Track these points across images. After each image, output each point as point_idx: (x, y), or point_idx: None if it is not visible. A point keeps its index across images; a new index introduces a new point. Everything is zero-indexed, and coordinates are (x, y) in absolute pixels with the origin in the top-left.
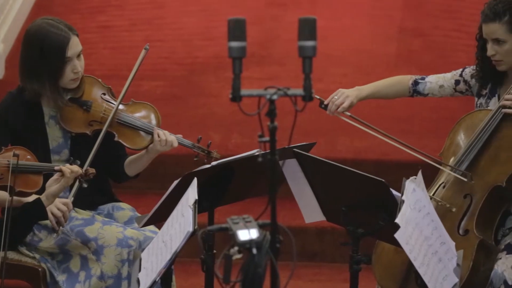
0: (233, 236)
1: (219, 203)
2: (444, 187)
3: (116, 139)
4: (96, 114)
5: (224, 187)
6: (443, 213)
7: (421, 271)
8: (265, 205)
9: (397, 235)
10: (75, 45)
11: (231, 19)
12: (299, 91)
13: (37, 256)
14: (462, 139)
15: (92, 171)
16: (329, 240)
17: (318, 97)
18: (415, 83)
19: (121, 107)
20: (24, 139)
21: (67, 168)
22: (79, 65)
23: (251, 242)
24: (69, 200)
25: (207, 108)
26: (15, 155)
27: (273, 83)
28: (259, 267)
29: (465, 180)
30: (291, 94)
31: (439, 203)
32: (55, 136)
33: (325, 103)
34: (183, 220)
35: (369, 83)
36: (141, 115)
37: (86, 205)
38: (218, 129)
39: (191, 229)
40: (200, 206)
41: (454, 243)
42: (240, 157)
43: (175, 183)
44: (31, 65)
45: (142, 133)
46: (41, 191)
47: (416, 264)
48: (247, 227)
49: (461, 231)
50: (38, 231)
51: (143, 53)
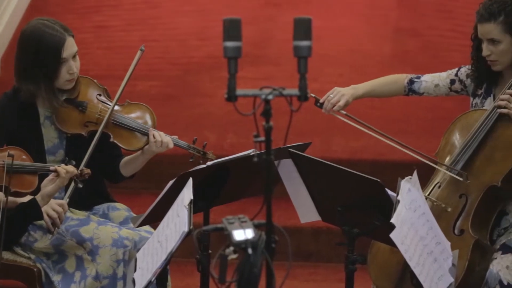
0: (229, 236)
1: (215, 203)
2: (439, 187)
3: (111, 140)
4: (91, 115)
5: (219, 187)
6: (439, 213)
7: (416, 271)
8: (260, 205)
9: (393, 235)
10: (71, 46)
11: (226, 19)
12: (295, 91)
13: (33, 256)
14: (457, 139)
15: (87, 171)
16: (325, 240)
17: (313, 95)
18: (411, 82)
19: (116, 108)
20: (19, 140)
21: (62, 168)
22: (75, 66)
23: (246, 242)
24: (65, 201)
25: (203, 108)
26: (10, 155)
27: (268, 83)
28: (255, 267)
29: (461, 179)
30: (287, 94)
31: (435, 203)
32: (50, 136)
33: (321, 101)
34: (178, 220)
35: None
36: (137, 116)
37: (81, 206)
38: (213, 129)
39: (186, 229)
40: (195, 206)
41: (449, 243)
42: (235, 157)
43: (171, 183)
44: (26, 66)
45: (137, 134)
46: (37, 191)
47: (411, 264)
48: (242, 227)
49: (456, 231)
50: (33, 232)
51: (138, 54)
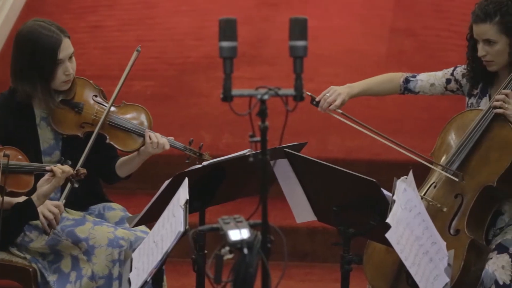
0: (224, 236)
1: (210, 203)
2: (435, 187)
3: (107, 141)
4: (87, 116)
5: (215, 187)
6: (434, 213)
7: (412, 271)
8: (256, 205)
9: (388, 235)
10: (67, 47)
11: (222, 19)
12: (290, 91)
13: (28, 256)
14: (453, 139)
15: (83, 171)
16: (320, 240)
17: (309, 93)
18: (406, 81)
19: (112, 109)
20: (15, 141)
21: (58, 168)
22: (71, 67)
23: (242, 242)
24: (61, 202)
25: (198, 108)
26: (5, 155)
27: (264, 83)
28: (250, 267)
29: (457, 180)
30: (282, 94)
31: (430, 203)
32: (46, 137)
33: (317, 100)
34: (174, 220)
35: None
36: (133, 117)
37: (77, 206)
38: (209, 129)
39: (182, 229)
40: (191, 206)
41: (445, 243)
42: (231, 157)
43: (166, 183)
44: (22, 67)
45: (133, 135)
46: (32, 191)
47: (407, 264)
48: (238, 227)
49: (452, 231)
50: (29, 232)
51: (135, 54)
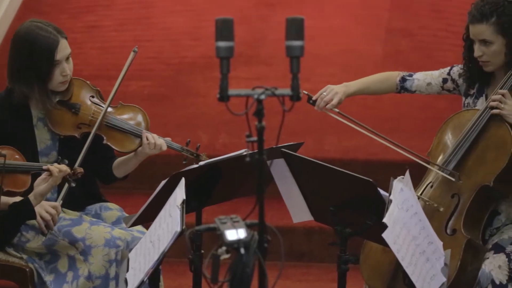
0: (221, 236)
1: (207, 203)
2: (431, 186)
3: (104, 142)
4: (84, 117)
5: (211, 187)
6: (431, 212)
7: (408, 271)
8: (253, 205)
9: (385, 235)
10: (64, 48)
11: (218, 19)
12: (287, 91)
13: (25, 256)
14: (449, 139)
15: (80, 170)
16: (317, 240)
17: (306, 92)
18: (403, 80)
19: (109, 109)
20: (12, 141)
21: (55, 167)
22: (68, 68)
23: (239, 242)
24: (58, 203)
25: (195, 108)
26: (2, 155)
27: (260, 83)
28: (247, 267)
29: (453, 180)
30: (279, 94)
31: (427, 203)
32: (43, 138)
33: (313, 98)
34: (170, 220)
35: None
36: (130, 118)
37: (73, 206)
38: (206, 129)
39: (179, 229)
40: (188, 206)
41: (441, 243)
42: (228, 157)
43: (163, 183)
44: (19, 68)
45: (130, 136)
46: (29, 190)
47: (403, 263)
48: (235, 227)
49: (448, 231)
50: (25, 232)
51: (131, 55)
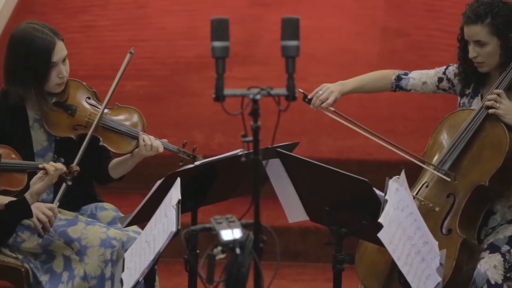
0: (217, 236)
1: (203, 203)
2: (427, 186)
3: (101, 143)
4: (81, 118)
5: (207, 187)
6: (426, 212)
7: (404, 271)
8: (248, 205)
9: (380, 235)
10: (61, 50)
11: (214, 19)
12: (282, 91)
13: (20, 256)
14: (445, 139)
15: (76, 168)
16: (313, 240)
17: (301, 90)
18: (398, 78)
19: (106, 111)
20: (8, 142)
21: (51, 165)
22: (65, 69)
23: (234, 242)
24: (55, 205)
25: (191, 108)
26: None
27: (256, 83)
28: (243, 267)
29: (449, 180)
30: (274, 94)
31: (422, 203)
32: (39, 139)
33: (309, 97)
34: (166, 220)
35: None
36: (126, 120)
37: (69, 206)
38: (201, 129)
39: (174, 229)
40: (183, 206)
41: (437, 243)
42: (223, 157)
43: (158, 183)
44: (16, 69)
45: (127, 137)
46: (26, 189)
47: (399, 263)
48: (230, 227)
49: (444, 231)
50: (21, 232)
51: (128, 57)
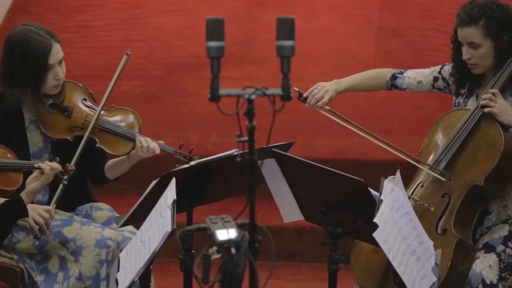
0: (212, 236)
1: (198, 203)
2: (422, 186)
3: (97, 145)
4: (77, 120)
5: (202, 187)
6: (421, 212)
7: (399, 271)
8: (243, 205)
9: (376, 235)
10: (57, 52)
11: (209, 18)
12: (278, 91)
13: (15, 256)
14: (440, 139)
15: (71, 167)
16: (308, 239)
17: (297, 89)
18: (393, 77)
19: (102, 112)
20: (4, 143)
21: (47, 165)
22: (61, 71)
23: (229, 242)
24: (51, 207)
25: (186, 108)
26: None
27: (251, 83)
28: (238, 267)
29: (444, 180)
30: (270, 94)
31: (418, 203)
32: (35, 140)
33: (304, 96)
34: (161, 220)
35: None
36: (123, 121)
37: (64, 206)
38: (196, 129)
39: (169, 229)
40: (178, 206)
41: (432, 243)
42: (218, 157)
43: (154, 183)
44: (12, 72)
45: (124, 139)
46: (22, 189)
47: (394, 263)
48: (225, 227)
49: (439, 231)
50: (16, 233)
51: (124, 58)
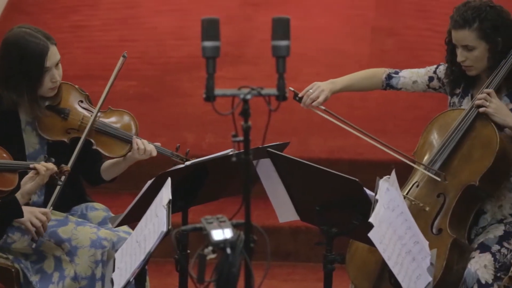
0: (207, 236)
1: (193, 203)
2: (417, 186)
3: (94, 147)
4: (73, 122)
5: (198, 187)
6: (417, 212)
7: (395, 271)
8: (239, 205)
9: (371, 235)
10: (54, 55)
11: (204, 18)
12: (273, 91)
13: (11, 256)
14: (435, 139)
15: (66, 168)
16: (303, 239)
17: (292, 89)
18: (389, 77)
19: (99, 114)
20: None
21: (42, 165)
22: (57, 74)
23: (225, 241)
24: (48, 210)
25: (181, 108)
26: None
27: (246, 83)
28: (233, 267)
29: (439, 179)
30: (265, 93)
31: (413, 202)
32: (31, 142)
33: (300, 95)
34: (157, 220)
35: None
36: (119, 123)
37: (59, 207)
38: (192, 129)
39: (165, 229)
40: (174, 206)
41: (427, 242)
42: (214, 157)
43: (149, 183)
44: (9, 74)
45: (120, 141)
46: (17, 189)
47: (390, 263)
48: (221, 227)
49: (434, 230)
50: (11, 233)
51: (121, 60)
